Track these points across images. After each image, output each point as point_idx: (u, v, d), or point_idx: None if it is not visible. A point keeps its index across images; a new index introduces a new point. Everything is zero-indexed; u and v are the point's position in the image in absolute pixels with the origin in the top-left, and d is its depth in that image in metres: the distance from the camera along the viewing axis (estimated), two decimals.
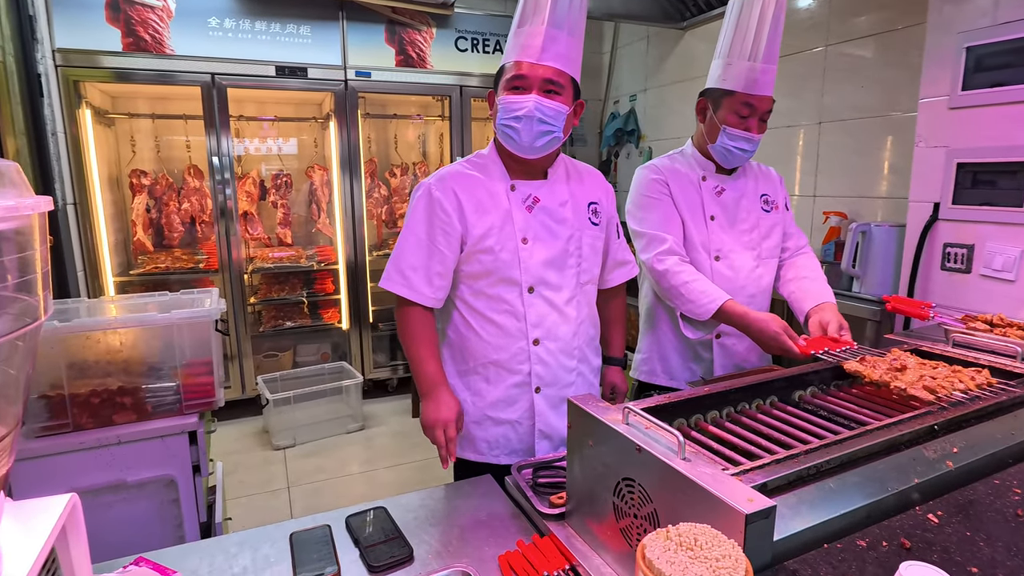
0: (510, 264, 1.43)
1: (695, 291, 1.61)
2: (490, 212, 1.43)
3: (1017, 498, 0.95)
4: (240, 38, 3.44)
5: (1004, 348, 1.40)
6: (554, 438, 1.52)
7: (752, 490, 0.77)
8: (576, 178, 1.55)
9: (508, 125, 1.38)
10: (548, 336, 1.47)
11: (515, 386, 1.49)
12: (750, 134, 1.63)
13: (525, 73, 1.35)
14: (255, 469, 3.21)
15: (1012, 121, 1.77)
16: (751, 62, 1.59)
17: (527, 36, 1.36)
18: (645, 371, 1.87)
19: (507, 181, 1.46)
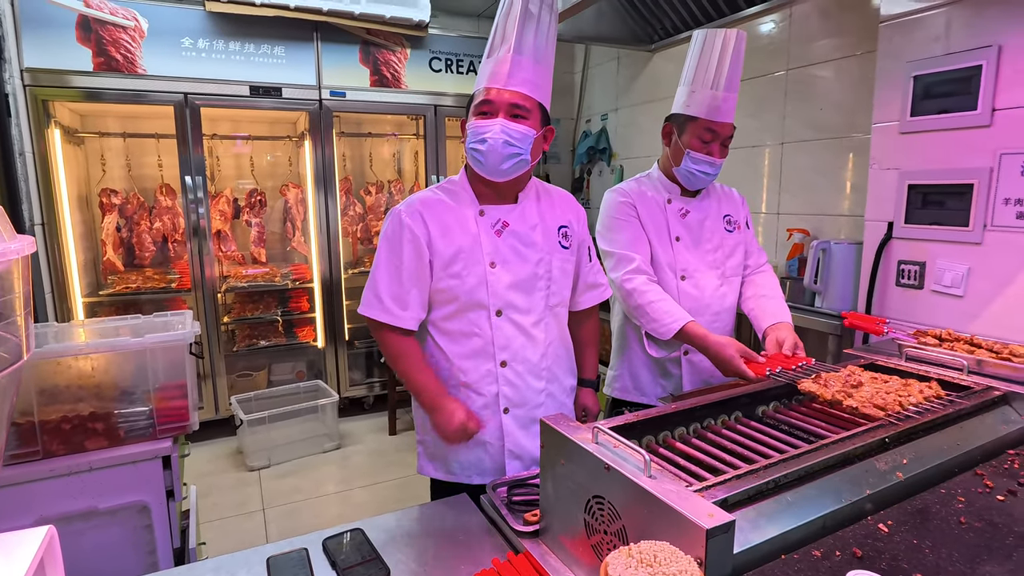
0: (477, 288, 1.45)
1: (659, 311, 1.67)
2: (458, 237, 1.45)
3: (961, 506, 1.02)
4: (214, 58, 3.45)
5: (952, 362, 1.48)
6: (524, 458, 1.53)
7: (713, 505, 0.81)
8: (547, 201, 1.58)
9: (475, 148, 1.40)
10: (515, 358, 1.49)
11: (484, 407, 1.50)
12: (712, 158, 1.71)
13: (492, 98, 1.38)
14: (229, 491, 3.17)
15: (957, 145, 1.87)
16: (713, 90, 1.68)
17: (495, 64, 1.40)
18: (617, 388, 1.92)
19: (476, 206, 1.48)
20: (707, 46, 1.70)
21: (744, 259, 1.90)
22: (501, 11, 1.44)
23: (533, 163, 1.47)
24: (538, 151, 1.47)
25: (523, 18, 1.39)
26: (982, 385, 1.38)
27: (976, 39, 1.81)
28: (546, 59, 1.44)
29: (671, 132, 1.78)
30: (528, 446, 1.53)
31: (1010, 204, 1.76)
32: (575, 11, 2.97)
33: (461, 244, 1.45)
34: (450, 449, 1.53)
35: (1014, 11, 1.72)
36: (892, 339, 1.69)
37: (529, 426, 1.54)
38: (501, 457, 1.53)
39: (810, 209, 3.03)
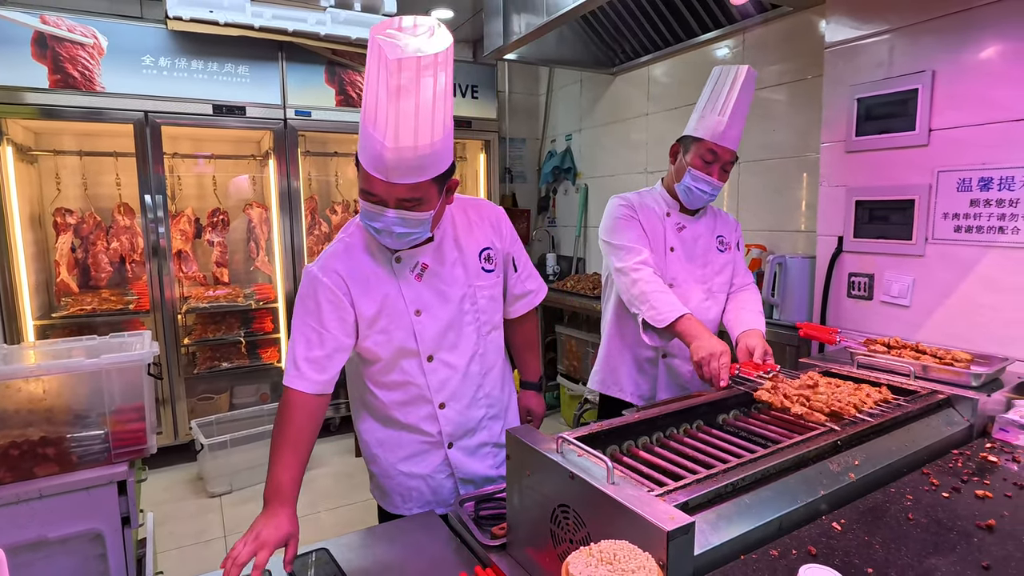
0: (406, 339, 1.40)
1: (661, 300, 1.70)
2: (377, 291, 1.37)
3: (909, 504, 1.06)
4: (176, 76, 3.41)
5: (900, 368, 1.55)
6: (477, 480, 1.53)
7: (674, 509, 0.83)
8: (464, 226, 1.48)
9: (370, 229, 1.31)
10: (453, 398, 1.47)
11: (426, 442, 1.49)
12: (711, 178, 1.80)
13: (376, 192, 1.22)
14: (189, 519, 3.06)
15: (898, 163, 1.98)
16: (720, 116, 1.77)
17: (372, 145, 1.16)
18: (598, 380, 2.04)
19: (390, 253, 1.38)
20: (721, 78, 1.82)
21: (731, 278, 1.98)
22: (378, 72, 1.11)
23: (436, 225, 1.38)
24: (442, 212, 1.36)
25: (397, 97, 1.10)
26: (927, 389, 1.44)
27: (913, 64, 1.93)
28: (436, 130, 1.16)
29: (678, 151, 1.88)
30: (478, 469, 1.53)
31: (948, 218, 1.86)
32: (538, 35, 3.04)
33: (383, 299, 1.37)
34: (392, 484, 1.52)
35: (946, 39, 1.85)
36: (844, 348, 1.76)
37: (476, 451, 1.54)
38: (444, 488, 1.52)
39: (767, 225, 3.14)
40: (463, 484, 1.52)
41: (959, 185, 1.83)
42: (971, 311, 1.83)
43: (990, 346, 1.76)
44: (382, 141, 1.14)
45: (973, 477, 1.17)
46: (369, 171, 1.20)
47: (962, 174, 1.82)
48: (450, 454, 1.50)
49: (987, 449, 1.31)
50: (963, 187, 1.82)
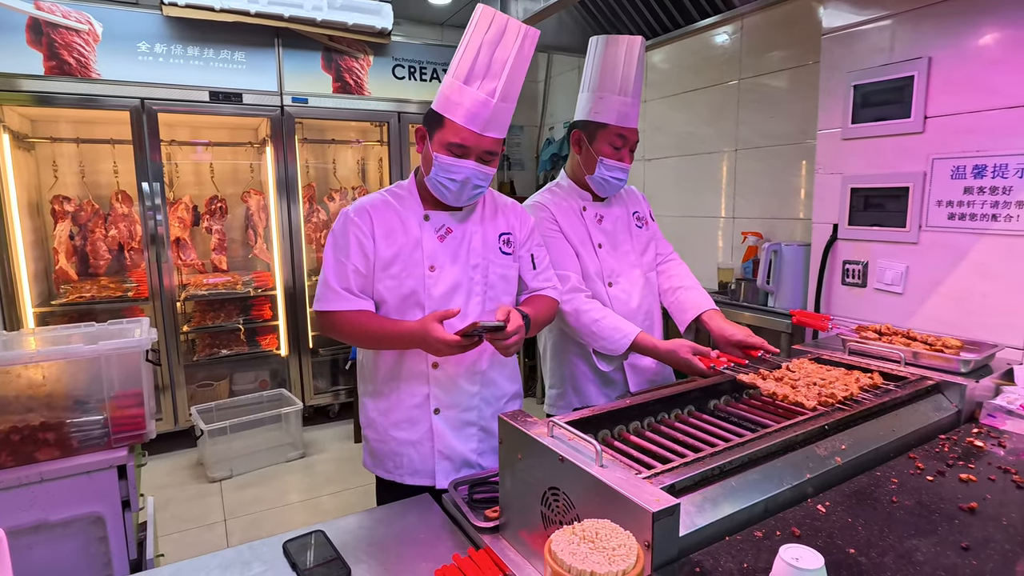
0: (415, 288, 1.47)
1: (607, 328, 1.66)
2: (399, 239, 1.47)
3: (894, 487, 1.08)
4: (172, 63, 3.39)
5: (890, 354, 1.57)
6: (455, 459, 1.53)
7: (660, 491, 0.85)
8: (491, 209, 1.60)
9: (443, 184, 1.43)
10: (448, 360, 1.50)
11: (415, 407, 1.52)
12: (624, 164, 1.73)
13: (469, 144, 1.38)
14: (189, 503, 3.10)
15: (894, 151, 1.98)
16: (622, 96, 1.69)
17: (474, 103, 1.36)
18: (562, 405, 1.86)
19: (422, 210, 1.51)
20: (609, 52, 1.71)
21: (655, 252, 1.93)
22: (484, 35, 1.37)
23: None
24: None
25: (515, 59, 1.37)
26: (917, 375, 1.46)
27: (909, 51, 1.92)
28: (518, 91, 1.43)
29: (581, 139, 1.77)
30: (459, 448, 1.54)
31: (942, 206, 1.87)
32: (536, 20, 3.02)
33: (402, 246, 1.47)
34: (385, 449, 1.56)
35: (943, 25, 1.84)
36: (837, 334, 1.77)
37: (461, 428, 1.54)
38: (430, 459, 1.53)
39: (764, 213, 3.14)
40: (440, 459, 1.52)
41: (953, 172, 1.83)
42: (963, 298, 1.84)
43: (981, 333, 1.78)
44: (487, 96, 1.36)
45: (959, 461, 1.18)
46: (465, 124, 1.37)
47: (956, 161, 1.82)
48: (434, 420, 1.52)
49: (974, 434, 1.32)
50: (957, 174, 1.82)
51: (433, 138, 1.43)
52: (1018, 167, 1.69)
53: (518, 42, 1.36)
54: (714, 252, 3.45)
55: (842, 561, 0.85)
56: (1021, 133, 1.68)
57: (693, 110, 3.53)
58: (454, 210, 1.53)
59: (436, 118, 1.42)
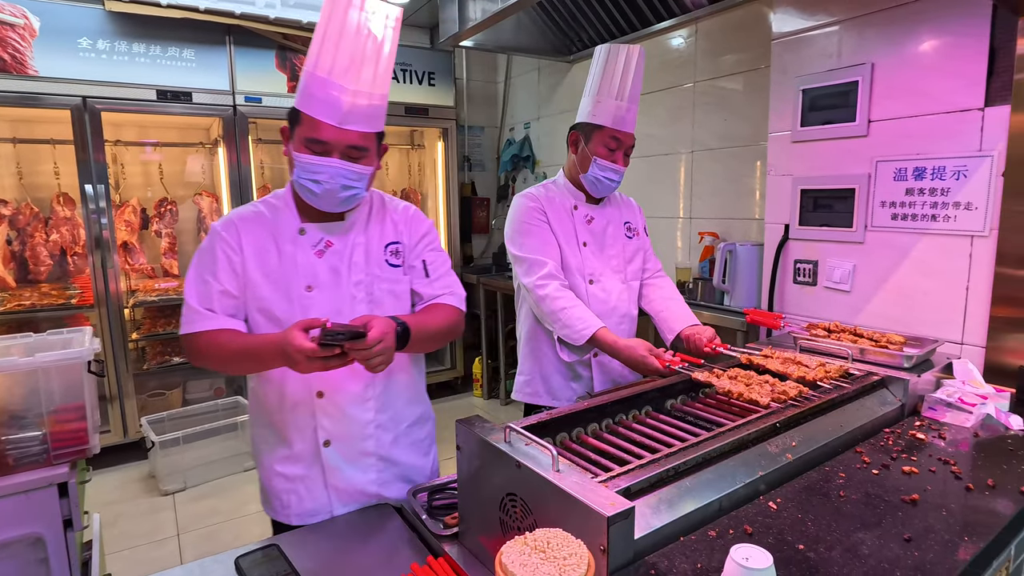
0: (290, 314, 1.32)
1: (572, 317, 1.70)
2: (272, 256, 1.34)
3: (841, 481, 1.11)
4: (116, 60, 3.26)
5: (839, 351, 1.62)
6: (352, 493, 1.40)
7: (615, 494, 0.86)
8: (379, 219, 1.45)
9: (307, 187, 1.28)
10: (334, 389, 1.37)
11: (302, 440, 1.38)
12: (617, 166, 1.79)
13: (328, 139, 1.24)
14: (140, 518, 2.98)
15: (841, 153, 2.05)
16: (618, 101, 1.76)
17: (326, 91, 1.22)
18: (528, 392, 1.92)
19: (297, 223, 1.37)
20: (611, 60, 1.78)
21: (643, 264, 1.98)
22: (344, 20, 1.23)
23: (367, 192, 1.39)
24: (374, 176, 1.38)
25: (378, 44, 1.25)
26: (864, 371, 1.51)
27: (854, 57, 1.99)
28: (386, 81, 1.29)
29: (578, 140, 1.84)
30: (356, 480, 1.40)
31: (886, 206, 1.94)
32: (493, 22, 3.02)
33: (275, 264, 1.34)
34: (271, 486, 1.42)
35: (885, 32, 1.91)
36: (789, 333, 1.82)
37: (357, 460, 1.40)
38: (324, 494, 1.40)
39: (720, 213, 3.21)
40: (334, 494, 1.39)
41: (896, 175, 1.90)
42: (906, 295, 1.92)
43: (923, 328, 1.85)
44: (340, 84, 1.21)
45: (902, 454, 1.23)
46: (320, 118, 1.22)
47: (898, 164, 1.89)
48: (325, 453, 1.38)
49: (916, 427, 1.38)
50: (899, 176, 1.89)
51: (294, 136, 1.29)
52: (955, 169, 1.77)
53: (382, 25, 1.25)
54: (673, 252, 3.50)
55: (792, 557, 0.87)
56: (957, 137, 1.76)
57: (651, 112, 3.58)
58: (334, 220, 1.39)
59: (294, 114, 1.28)
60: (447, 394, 4.78)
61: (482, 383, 4.66)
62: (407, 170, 4.88)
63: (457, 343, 4.71)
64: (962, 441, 1.31)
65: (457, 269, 4.63)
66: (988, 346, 1.73)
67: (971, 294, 1.77)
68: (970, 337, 1.78)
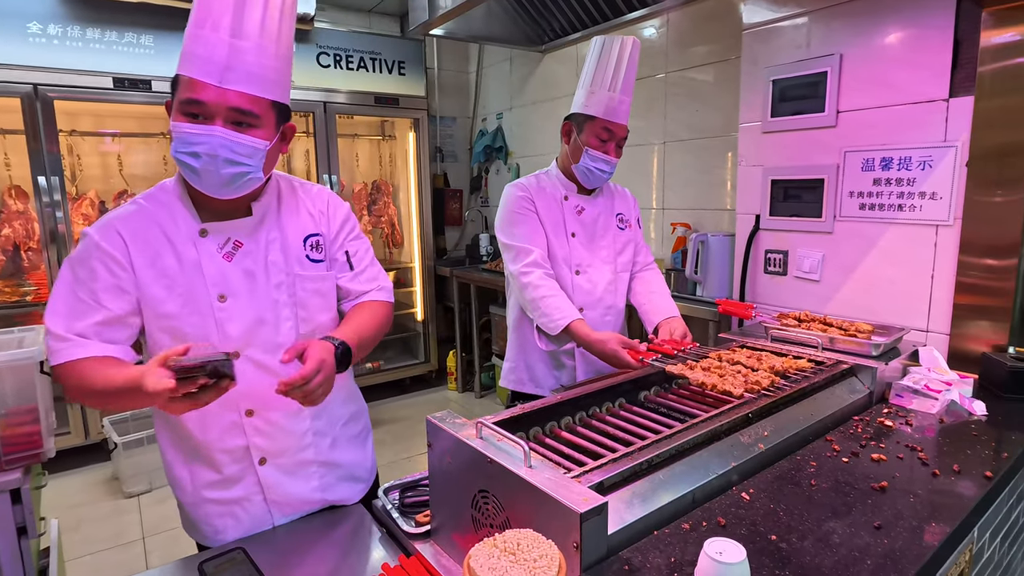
0: (204, 329, 1.17)
1: (551, 306, 1.72)
2: (169, 265, 1.15)
3: (812, 470, 1.12)
4: (69, 46, 3.11)
5: (809, 340, 1.63)
6: (294, 504, 1.31)
7: (588, 490, 0.84)
8: (292, 208, 1.28)
9: (185, 162, 1.08)
10: (264, 405, 1.23)
11: (234, 462, 1.25)
12: (609, 156, 1.79)
13: (206, 100, 1.05)
14: (103, 522, 2.88)
15: (811, 144, 2.06)
16: (611, 92, 1.76)
17: (203, 44, 1.05)
18: (513, 380, 1.95)
19: (196, 223, 1.17)
20: (605, 51, 1.79)
21: (634, 256, 1.99)
22: None
23: (264, 177, 1.18)
24: (274, 160, 1.19)
25: None
26: (833, 360, 1.52)
27: (823, 48, 2.00)
28: (281, 40, 1.12)
29: (571, 130, 1.84)
30: (297, 492, 1.30)
31: (854, 196, 1.96)
32: (463, 10, 2.97)
33: (176, 274, 1.15)
34: (200, 513, 1.28)
35: (852, 23, 1.92)
36: (760, 322, 1.83)
37: (297, 471, 1.30)
38: (264, 510, 1.29)
39: (692, 204, 3.23)
40: (276, 510, 1.29)
41: (863, 165, 1.92)
42: (873, 284, 1.94)
43: (890, 317, 1.88)
44: (218, 34, 1.04)
45: (871, 441, 1.24)
46: (196, 76, 1.04)
47: (866, 154, 1.91)
48: (261, 472, 1.26)
49: (884, 414, 1.39)
50: (867, 167, 1.92)
51: (173, 106, 1.10)
52: (920, 160, 1.79)
53: None
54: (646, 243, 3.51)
55: (764, 548, 0.87)
56: (922, 127, 1.79)
57: None
58: (240, 216, 1.21)
59: (174, 81, 1.10)
60: (421, 388, 4.74)
61: (457, 376, 4.63)
62: (378, 161, 4.80)
63: (431, 336, 4.67)
64: (928, 427, 1.33)
65: (430, 262, 4.60)
66: (952, 333, 1.77)
67: (936, 283, 1.80)
68: (935, 325, 1.81)
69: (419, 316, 4.69)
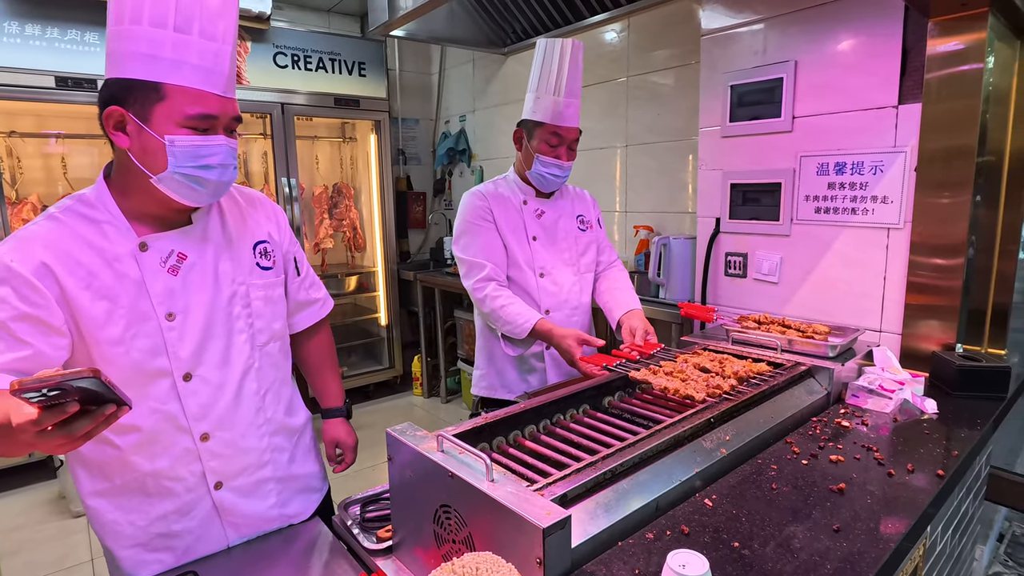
0: (152, 351, 1.08)
1: (512, 313, 1.73)
2: (109, 286, 1.05)
3: (773, 473, 1.13)
4: (6, 43, 2.95)
5: (768, 342, 1.65)
6: (252, 525, 1.25)
7: (551, 503, 0.82)
8: (235, 214, 1.23)
9: (193, 175, 1.03)
10: (220, 427, 1.16)
11: (188, 491, 1.16)
12: (560, 161, 1.79)
13: (215, 112, 1.03)
14: (48, 544, 2.74)
15: (768, 148, 2.10)
16: (556, 96, 1.75)
17: (203, 55, 1.00)
18: (484, 386, 1.94)
19: (134, 237, 1.08)
20: (548, 55, 1.78)
21: (597, 256, 2.00)
22: None
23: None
24: None
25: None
26: (792, 362, 1.55)
27: (778, 54, 2.04)
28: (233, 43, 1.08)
29: (521, 137, 1.84)
30: (254, 511, 1.24)
31: (810, 200, 2.00)
32: (424, 11, 2.94)
33: (117, 295, 1.05)
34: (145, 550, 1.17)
35: (806, 30, 1.96)
36: (721, 325, 1.85)
37: (254, 491, 1.24)
38: (220, 533, 1.22)
39: (655, 207, 3.26)
40: (232, 532, 1.23)
41: (818, 169, 1.96)
42: (830, 285, 1.99)
43: (845, 317, 1.93)
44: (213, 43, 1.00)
45: (829, 443, 1.26)
46: (204, 88, 1.00)
47: (820, 159, 1.96)
48: (217, 496, 1.19)
49: (841, 415, 1.42)
50: (822, 171, 1.96)
51: (152, 117, 1.00)
52: (872, 164, 1.84)
53: None
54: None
55: (727, 556, 0.87)
56: (874, 133, 1.83)
57: (585, 106, 3.55)
58: (180, 225, 1.13)
59: (148, 90, 0.99)
60: (386, 394, 4.67)
61: (422, 381, 4.57)
62: (339, 164, 4.71)
63: (395, 341, 4.60)
64: (883, 426, 1.36)
65: (394, 265, 4.54)
66: (904, 332, 1.82)
67: (888, 284, 1.85)
68: (888, 324, 1.87)
69: (383, 321, 4.62)
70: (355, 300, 4.70)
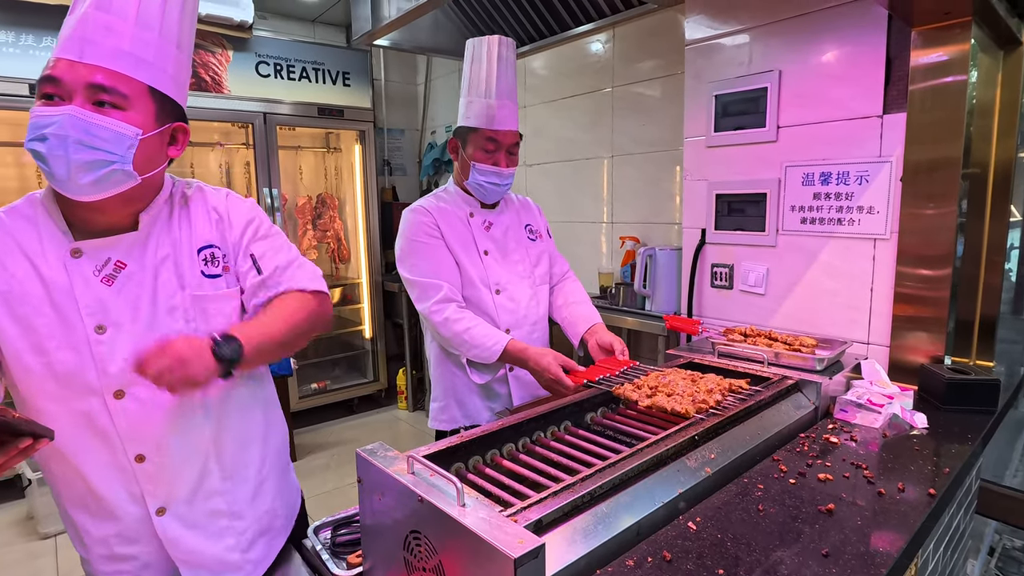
0: (80, 366, 1.00)
1: (479, 335, 1.59)
2: (32, 294, 0.98)
3: (759, 494, 1.08)
4: None
5: (755, 355, 1.62)
6: (209, 567, 1.13)
7: (524, 530, 0.77)
8: (183, 217, 1.12)
9: (34, 150, 0.92)
10: (158, 450, 1.07)
11: (126, 514, 1.08)
12: (499, 168, 1.67)
13: (60, 75, 0.91)
14: (14, 567, 2.63)
15: (753, 158, 2.08)
16: (487, 99, 1.65)
17: (66, 26, 0.94)
18: (445, 419, 1.77)
19: (66, 243, 1.01)
20: (476, 55, 1.68)
21: (549, 267, 1.91)
22: None
23: (151, 174, 1.02)
24: (158, 157, 1.03)
25: None
26: (779, 376, 1.51)
27: (762, 64, 2.02)
28: (167, 25, 0.99)
29: (457, 146, 1.73)
30: (209, 550, 1.13)
31: (795, 210, 1.98)
32: (407, 20, 2.91)
33: (41, 305, 0.99)
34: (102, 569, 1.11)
35: (790, 41, 1.95)
36: (707, 338, 1.81)
37: (203, 523, 1.12)
38: (167, 570, 1.12)
39: (640, 218, 3.23)
40: (185, 567, 1.11)
41: (804, 179, 1.94)
42: (815, 297, 1.96)
43: (832, 329, 1.90)
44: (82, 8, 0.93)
45: (817, 460, 1.22)
46: (56, 54, 0.93)
47: (806, 169, 1.94)
48: (159, 524, 1.08)
49: (829, 430, 1.38)
50: (807, 181, 1.94)
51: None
52: (858, 174, 1.82)
53: None
54: (596, 257, 3.50)
55: None
56: (859, 143, 1.82)
57: (571, 116, 3.57)
58: (123, 231, 1.04)
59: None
60: (370, 408, 4.59)
61: (407, 395, 4.50)
62: (323, 174, 4.66)
63: (379, 354, 4.53)
64: (872, 441, 1.33)
65: (378, 277, 4.48)
66: (892, 344, 1.79)
67: (875, 295, 1.83)
68: (876, 337, 1.84)
69: (367, 333, 4.55)
70: (339, 312, 4.63)
